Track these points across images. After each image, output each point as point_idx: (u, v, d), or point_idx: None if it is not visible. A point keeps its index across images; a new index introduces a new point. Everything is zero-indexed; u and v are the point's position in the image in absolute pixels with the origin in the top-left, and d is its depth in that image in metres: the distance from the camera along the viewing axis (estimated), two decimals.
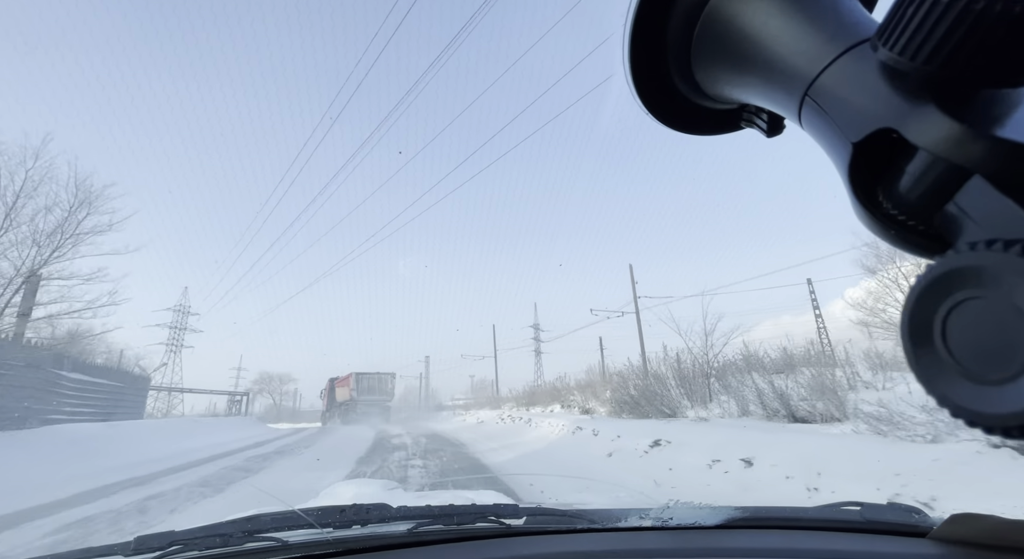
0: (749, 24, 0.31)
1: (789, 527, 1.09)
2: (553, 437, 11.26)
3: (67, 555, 1.00)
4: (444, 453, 10.23)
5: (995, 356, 0.18)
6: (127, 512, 5.29)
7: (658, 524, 1.11)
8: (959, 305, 0.20)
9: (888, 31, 0.23)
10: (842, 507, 1.15)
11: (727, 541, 1.03)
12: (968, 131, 0.21)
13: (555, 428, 11.97)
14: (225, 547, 1.01)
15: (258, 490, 7.18)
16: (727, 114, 0.39)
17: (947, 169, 0.22)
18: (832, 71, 0.26)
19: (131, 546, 0.99)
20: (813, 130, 0.28)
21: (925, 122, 0.22)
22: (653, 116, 0.38)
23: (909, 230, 0.25)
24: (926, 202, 0.23)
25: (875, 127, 0.24)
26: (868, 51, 0.25)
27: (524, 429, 13.75)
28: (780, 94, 0.30)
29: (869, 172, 0.26)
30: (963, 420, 0.19)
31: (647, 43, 0.35)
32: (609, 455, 7.98)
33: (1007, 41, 0.20)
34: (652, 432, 7.99)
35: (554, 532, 1.11)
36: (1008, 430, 0.18)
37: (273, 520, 1.10)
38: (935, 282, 0.20)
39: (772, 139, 0.36)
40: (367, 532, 1.10)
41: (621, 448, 8.08)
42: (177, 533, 1.03)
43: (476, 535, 1.10)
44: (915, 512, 1.08)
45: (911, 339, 0.21)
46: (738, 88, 0.34)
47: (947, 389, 0.20)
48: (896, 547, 0.95)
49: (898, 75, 0.23)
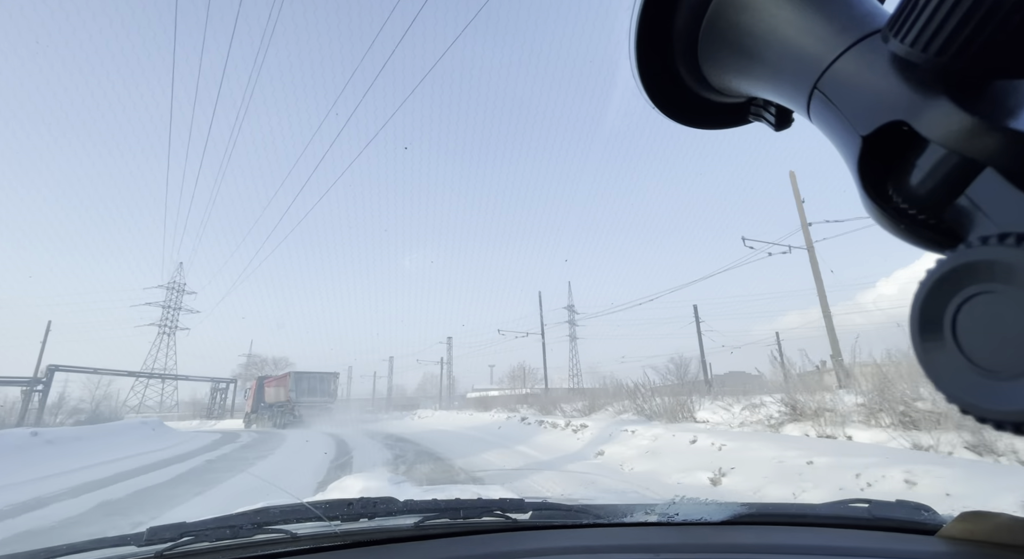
0: (757, 16, 0.30)
1: (796, 523, 1.09)
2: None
3: (80, 545, 1.02)
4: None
5: (1007, 351, 0.18)
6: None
7: (664, 520, 1.11)
8: (970, 300, 0.20)
9: (899, 22, 0.23)
10: (850, 504, 1.15)
11: (733, 537, 1.03)
12: (980, 123, 0.20)
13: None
14: (235, 538, 1.03)
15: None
16: (735, 107, 0.38)
17: (959, 162, 0.21)
18: (842, 63, 0.26)
19: (143, 537, 1.01)
20: (822, 123, 0.28)
21: (937, 115, 0.22)
22: (660, 110, 0.38)
23: (920, 224, 0.25)
24: (937, 196, 0.23)
25: (885, 120, 0.24)
26: (879, 43, 0.25)
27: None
28: (788, 87, 0.30)
29: (879, 166, 0.25)
30: (972, 416, 0.19)
31: (654, 36, 0.35)
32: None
33: (1020, 32, 0.19)
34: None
35: (560, 527, 1.11)
36: (1019, 427, 0.18)
37: (282, 512, 1.11)
38: (946, 277, 0.20)
39: (780, 132, 0.36)
40: (374, 525, 1.11)
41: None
42: (188, 524, 1.05)
43: (482, 529, 1.11)
44: (924, 509, 1.07)
45: (921, 334, 0.21)
46: (746, 81, 0.33)
47: (957, 385, 0.20)
48: (905, 544, 0.94)
49: (909, 67, 0.23)
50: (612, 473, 6.74)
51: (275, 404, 30.37)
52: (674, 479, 5.99)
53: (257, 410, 32.54)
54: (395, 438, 14.58)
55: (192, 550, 1.00)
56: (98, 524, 4.79)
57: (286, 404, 28.81)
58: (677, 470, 6.20)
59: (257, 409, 32.59)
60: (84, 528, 4.68)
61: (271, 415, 30.25)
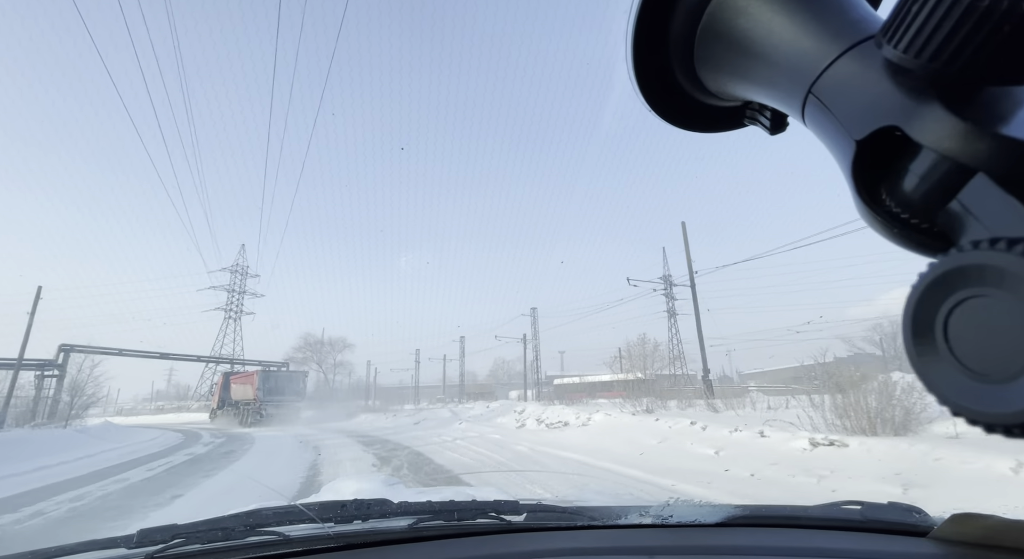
0: (752, 21, 0.31)
1: (790, 526, 1.09)
2: None
3: (69, 547, 1.01)
4: None
5: (997, 355, 0.18)
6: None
7: (658, 521, 1.11)
8: (961, 303, 0.20)
9: (893, 28, 0.23)
10: (843, 506, 1.16)
11: (727, 539, 1.03)
12: (972, 129, 0.20)
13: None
14: (227, 540, 1.02)
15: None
16: (730, 111, 0.38)
17: (951, 167, 0.22)
18: (836, 68, 0.26)
19: (134, 539, 1.00)
20: (816, 127, 0.28)
21: (929, 120, 0.22)
22: (656, 113, 0.38)
23: (912, 228, 0.25)
24: (929, 200, 0.23)
25: (879, 125, 0.24)
26: (872, 48, 0.25)
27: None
28: (783, 91, 0.30)
29: (872, 170, 0.26)
30: (964, 419, 0.19)
31: (650, 40, 0.35)
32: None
33: (1012, 39, 0.20)
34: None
35: (555, 528, 1.11)
36: (1009, 429, 0.18)
37: (275, 514, 1.10)
38: (938, 280, 0.20)
39: (776, 136, 0.36)
40: (368, 527, 1.11)
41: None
42: (180, 526, 1.04)
43: (477, 531, 1.10)
44: (916, 511, 1.08)
45: (913, 337, 0.21)
46: (741, 85, 0.33)
47: (948, 387, 0.20)
48: (897, 546, 0.95)
49: (902, 72, 0.23)
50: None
51: (241, 402, 29.74)
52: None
53: (223, 407, 31.81)
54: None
55: (183, 552, 0.99)
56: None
57: (252, 403, 28.31)
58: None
59: (223, 406, 31.85)
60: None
61: (237, 413, 29.54)
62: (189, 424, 31.40)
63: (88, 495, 6.77)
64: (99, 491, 7.07)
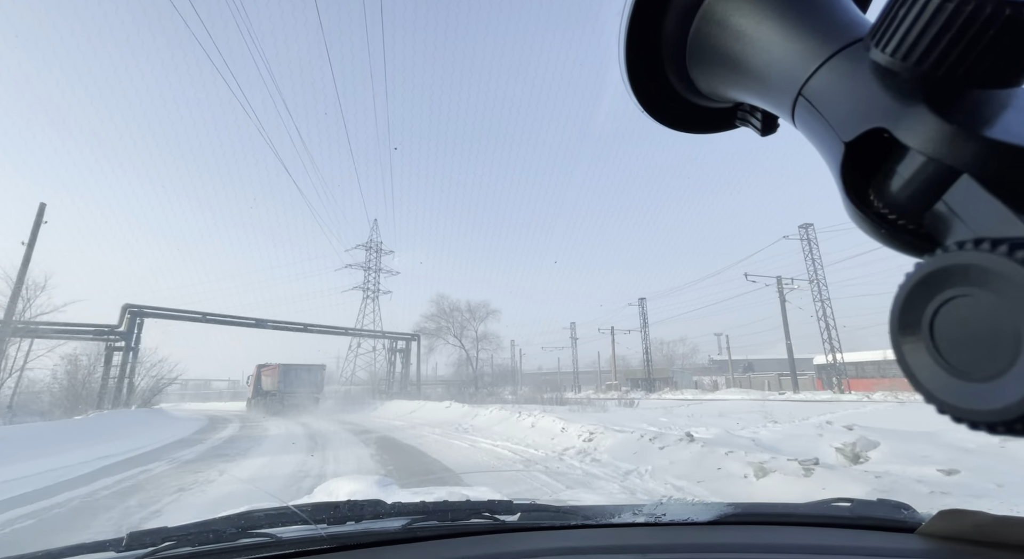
0: (743, 24, 0.31)
1: (781, 523, 1.10)
2: None
3: (59, 552, 0.99)
4: None
5: (981, 353, 0.18)
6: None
7: (651, 520, 1.11)
8: (947, 303, 0.20)
9: (880, 31, 0.23)
10: (833, 503, 1.17)
11: (719, 537, 1.04)
12: (958, 131, 0.21)
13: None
14: (218, 543, 1.01)
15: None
16: (722, 113, 0.39)
17: (937, 169, 0.22)
18: (825, 71, 0.27)
19: (123, 542, 0.98)
20: (806, 129, 0.29)
21: (916, 122, 0.22)
22: (649, 114, 0.38)
23: (899, 229, 0.25)
24: (916, 201, 0.24)
25: (867, 127, 0.24)
26: (861, 51, 0.25)
27: None
28: (774, 93, 0.30)
29: (861, 171, 0.26)
30: (949, 416, 0.20)
31: (643, 41, 0.35)
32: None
33: (997, 42, 0.20)
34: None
35: (548, 528, 1.11)
36: (992, 426, 0.18)
37: (267, 516, 1.09)
38: (923, 280, 0.21)
39: (766, 138, 0.37)
40: (361, 528, 1.10)
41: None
42: (170, 529, 1.03)
43: (471, 531, 1.10)
44: (904, 508, 1.10)
45: (899, 337, 0.22)
46: (732, 87, 0.34)
47: (934, 386, 0.20)
48: (886, 542, 0.96)
49: (890, 75, 0.24)
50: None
51: (269, 392, 32.08)
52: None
53: (256, 396, 34.01)
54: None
55: (173, 555, 0.98)
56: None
57: (276, 394, 30.66)
58: None
59: (256, 395, 34.03)
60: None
61: (266, 403, 31.65)
62: (228, 412, 34.00)
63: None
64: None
